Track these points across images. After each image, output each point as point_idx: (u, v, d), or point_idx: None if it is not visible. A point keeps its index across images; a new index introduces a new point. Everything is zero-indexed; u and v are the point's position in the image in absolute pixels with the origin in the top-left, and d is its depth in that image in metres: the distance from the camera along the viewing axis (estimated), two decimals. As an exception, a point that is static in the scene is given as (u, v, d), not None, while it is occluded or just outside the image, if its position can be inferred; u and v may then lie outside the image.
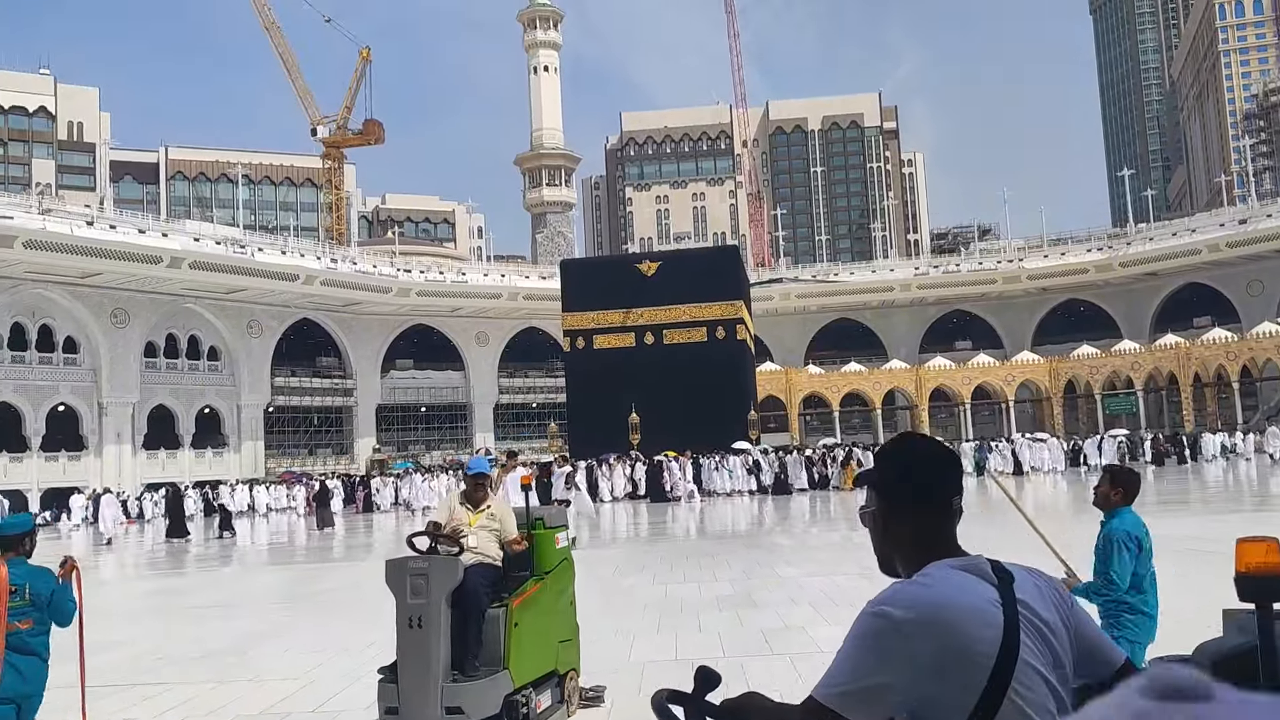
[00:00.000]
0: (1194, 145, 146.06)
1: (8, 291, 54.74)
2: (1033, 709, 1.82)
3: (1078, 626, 2.02)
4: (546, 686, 6.23)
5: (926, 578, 1.94)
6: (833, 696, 1.82)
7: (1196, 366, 61.79)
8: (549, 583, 6.45)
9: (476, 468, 7.00)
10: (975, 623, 1.82)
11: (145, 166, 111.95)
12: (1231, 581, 2.07)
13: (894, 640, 1.81)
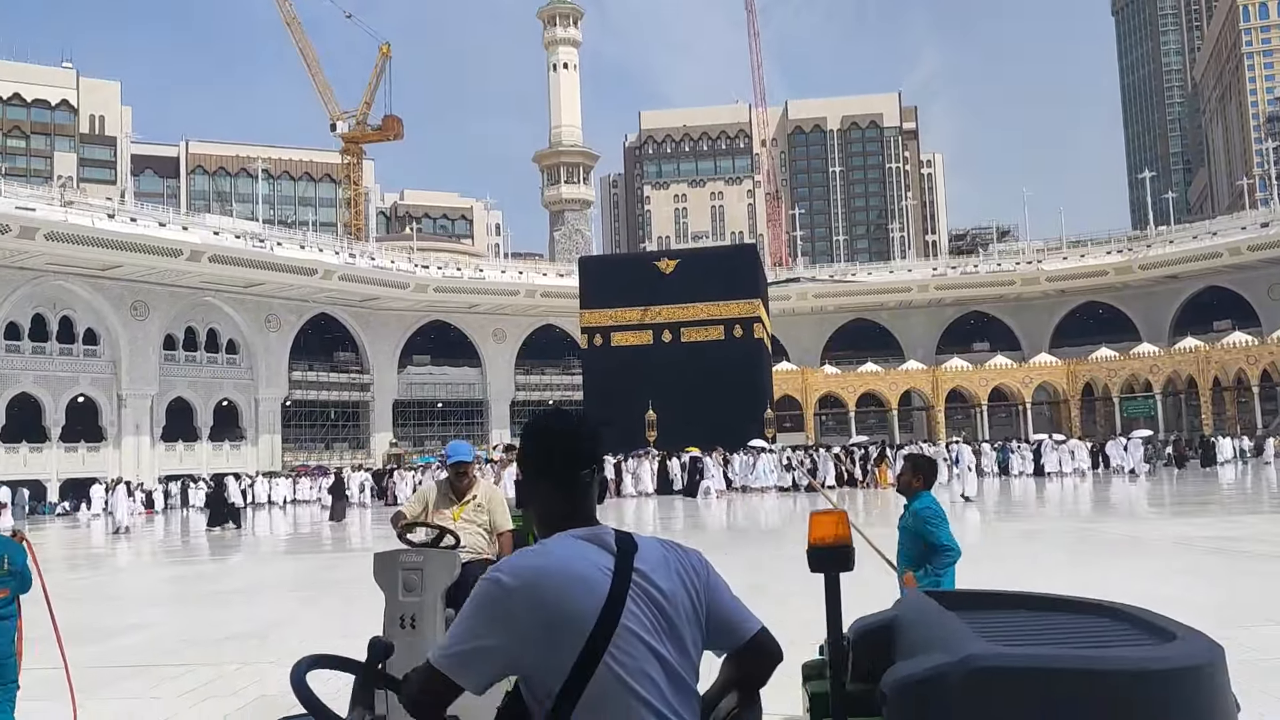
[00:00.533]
0: (1215, 148, 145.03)
1: (29, 283, 55.15)
2: (629, 673, 1.91)
3: (711, 599, 2.09)
4: None
5: (543, 546, 2.04)
6: (444, 659, 1.92)
7: (1216, 370, 61.34)
8: None
9: (456, 454, 6.17)
10: (578, 590, 1.91)
11: (166, 160, 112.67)
12: (1256, 576, 2.07)
13: (501, 605, 1.91)
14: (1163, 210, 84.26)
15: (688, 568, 2.10)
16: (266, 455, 65.50)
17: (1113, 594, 8.06)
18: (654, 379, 44.45)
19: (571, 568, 1.95)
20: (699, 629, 2.07)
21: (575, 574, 1.94)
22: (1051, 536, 17.30)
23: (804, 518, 16.82)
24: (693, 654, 2.05)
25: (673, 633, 2.00)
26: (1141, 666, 1.60)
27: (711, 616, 2.09)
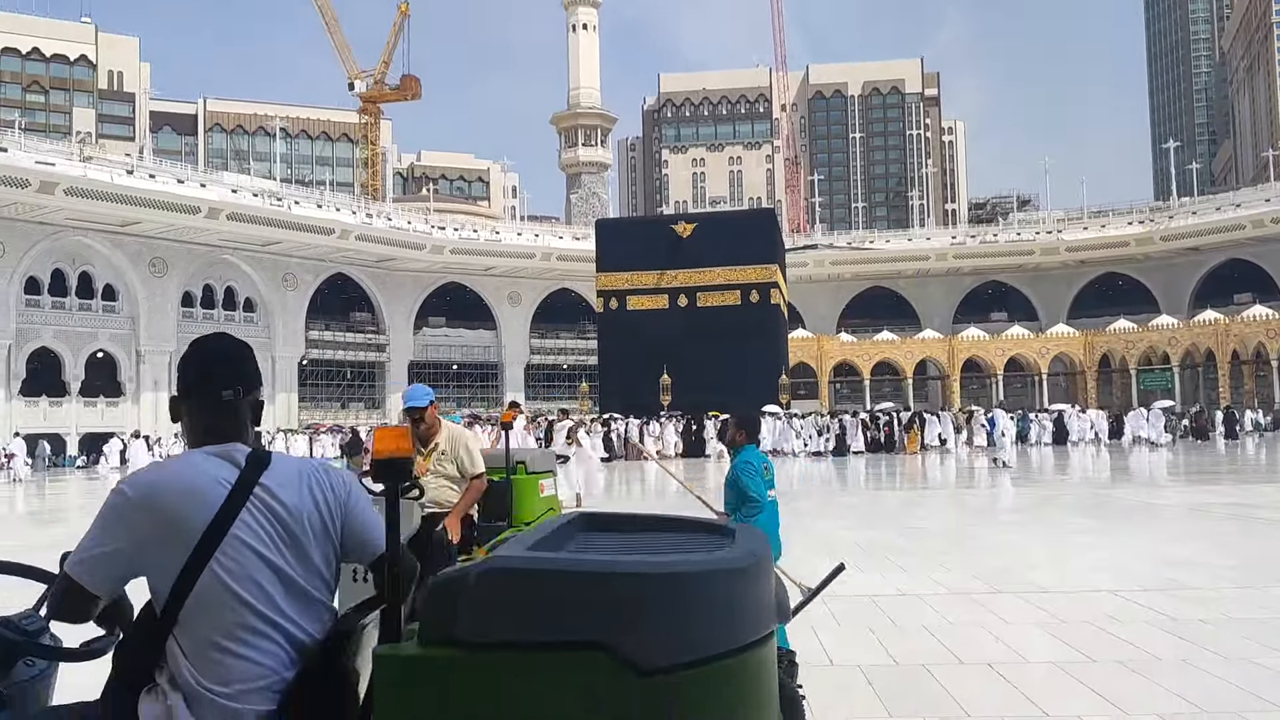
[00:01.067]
0: (1242, 118, 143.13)
1: (49, 237, 55.43)
2: (235, 579, 2.08)
3: (347, 517, 2.26)
4: None
5: (169, 460, 2.25)
6: (73, 565, 2.11)
7: (1235, 344, 60.93)
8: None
9: (412, 399, 5.66)
10: (189, 500, 2.09)
11: (184, 118, 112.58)
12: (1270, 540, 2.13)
13: (121, 513, 2.09)
14: (1186, 181, 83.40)
15: (325, 486, 2.25)
16: (283, 413, 65.93)
17: (1129, 556, 8.12)
18: (669, 343, 44.44)
19: (186, 480, 2.13)
20: (331, 545, 2.25)
21: (189, 485, 2.11)
22: (1071, 501, 17.32)
23: (830, 481, 16.94)
24: (323, 568, 2.23)
25: (294, 545, 2.17)
26: (623, 570, 1.75)
27: (346, 533, 2.26)
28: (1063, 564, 9.63)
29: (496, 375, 79.40)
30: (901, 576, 8.93)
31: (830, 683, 5.60)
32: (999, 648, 6.28)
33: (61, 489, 32.08)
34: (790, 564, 9.85)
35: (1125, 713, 4.86)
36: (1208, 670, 5.56)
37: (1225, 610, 7.16)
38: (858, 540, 11.69)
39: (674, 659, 1.68)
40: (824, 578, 6.18)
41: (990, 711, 4.97)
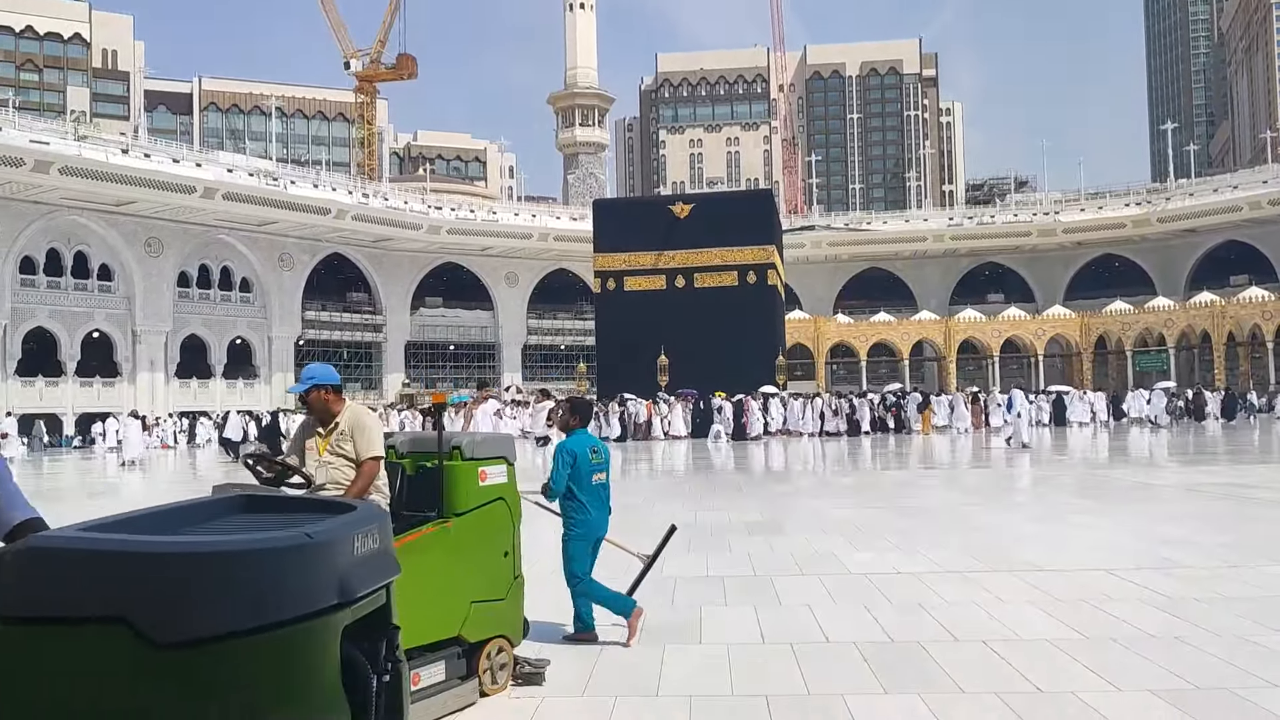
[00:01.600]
0: (1240, 100, 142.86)
1: (44, 217, 55.23)
2: None
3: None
4: (442, 656, 4.91)
5: None
6: None
7: (1231, 325, 61.05)
8: (461, 528, 5.05)
9: (307, 379, 5.24)
10: None
11: (179, 97, 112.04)
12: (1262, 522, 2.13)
13: None
14: (1184, 163, 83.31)
15: None
16: (280, 394, 65.90)
17: (1124, 536, 8.15)
18: (667, 324, 44.44)
19: None
20: None
21: None
22: (1068, 482, 17.39)
23: (841, 460, 16.94)
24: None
25: None
26: (143, 550, 1.84)
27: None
28: (1058, 543, 9.68)
29: (494, 356, 79.38)
30: (897, 555, 8.99)
31: (826, 659, 5.65)
32: (994, 625, 6.33)
33: (58, 468, 32.11)
34: (792, 541, 9.92)
35: (1118, 688, 4.91)
36: (1200, 647, 5.61)
37: (1218, 589, 7.22)
38: (853, 519, 11.76)
39: (192, 634, 1.75)
40: (658, 544, 6.47)
41: (985, 687, 5.02)
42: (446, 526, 5.01)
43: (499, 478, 5.33)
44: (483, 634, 5.11)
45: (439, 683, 4.85)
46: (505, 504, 5.32)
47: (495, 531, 5.29)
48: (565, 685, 5.33)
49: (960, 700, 4.85)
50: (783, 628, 6.41)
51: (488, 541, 5.24)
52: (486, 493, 5.24)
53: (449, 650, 4.95)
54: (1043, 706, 4.69)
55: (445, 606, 4.93)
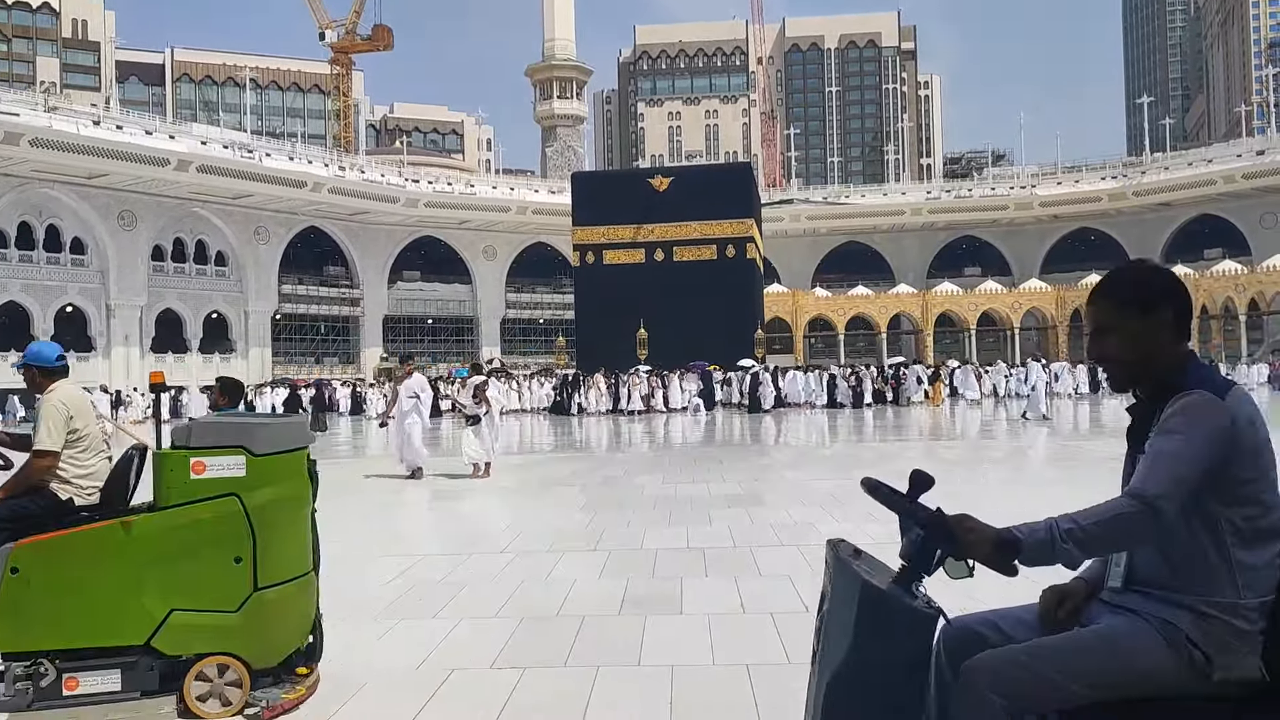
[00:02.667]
0: (1215, 74, 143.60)
1: (15, 190, 54.53)
2: None
3: None
4: (118, 664, 4.36)
5: None
6: None
7: (1204, 298, 61.63)
8: (152, 525, 4.43)
9: (26, 356, 4.97)
10: None
11: (151, 68, 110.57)
12: None
13: None
14: (1159, 137, 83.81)
15: None
16: (257, 368, 65.58)
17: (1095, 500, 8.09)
18: (646, 298, 44.43)
19: None
20: None
21: None
22: (1046, 452, 17.56)
23: (829, 432, 16.98)
24: None
25: None
26: None
27: None
28: (1036, 513, 9.79)
29: (472, 330, 79.19)
30: (875, 526, 9.07)
31: (806, 628, 5.71)
32: (970, 596, 6.40)
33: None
34: (771, 513, 9.96)
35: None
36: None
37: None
38: (831, 490, 11.85)
39: None
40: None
41: (961, 655, 5.09)
42: (126, 522, 4.43)
43: (227, 470, 4.44)
44: (189, 649, 4.37)
45: (110, 692, 4.32)
46: (238, 502, 4.41)
47: (215, 533, 4.40)
48: (545, 657, 5.37)
49: (937, 668, 4.92)
50: (763, 598, 6.46)
51: (201, 543, 4.40)
52: (204, 487, 4.42)
53: (131, 659, 4.35)
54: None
55: (123, 610, 4.32)
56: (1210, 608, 2.21)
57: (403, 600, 6.67)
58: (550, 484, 13.97)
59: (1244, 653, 2.19)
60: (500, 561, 7.86)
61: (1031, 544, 2.15)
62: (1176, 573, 2.28)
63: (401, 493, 13.32)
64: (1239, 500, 2.21)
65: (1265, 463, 2.24)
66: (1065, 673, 2.23)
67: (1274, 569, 2.24)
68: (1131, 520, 2.15)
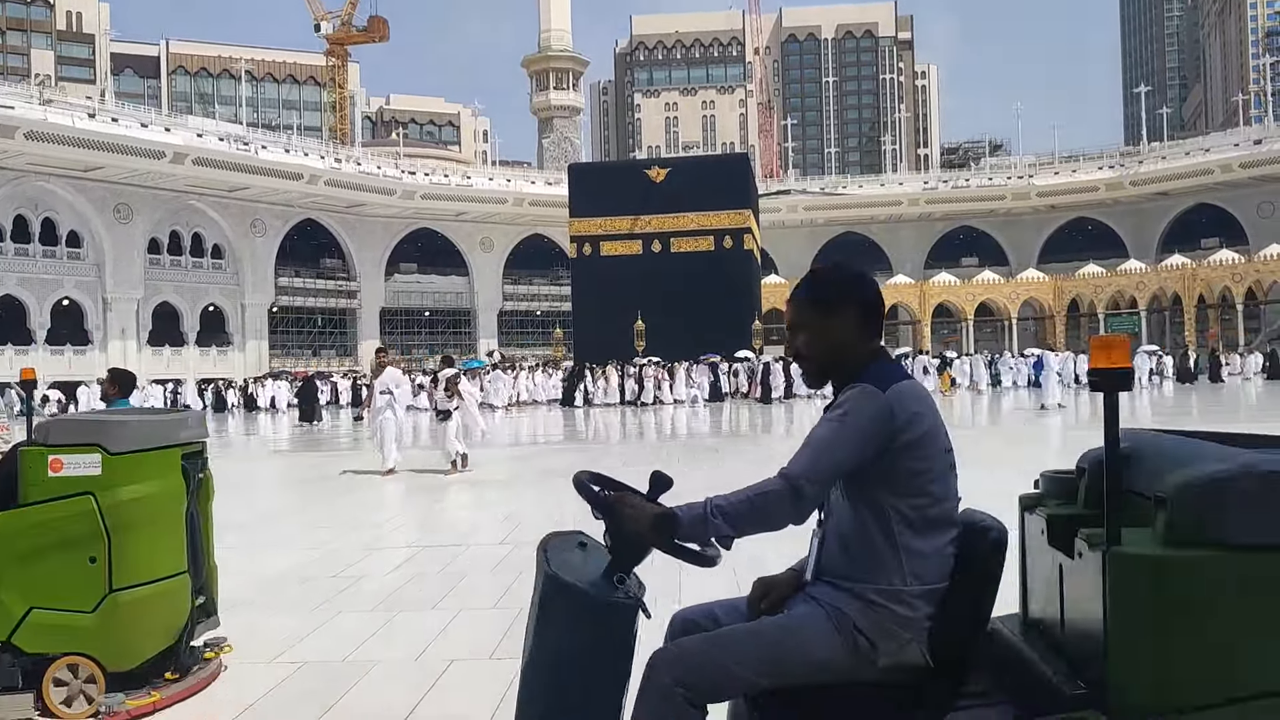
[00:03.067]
0: (1213, 63, 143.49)
1: (10, 183, 54.41)
2: None
3: None
4: None
5: None
6: None
7: (1201, 288, 61.70)
8: (7, 522, 4.34)
9: None
10: None
11: (146, 60, 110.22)
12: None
13: None
14: (1157, 126, 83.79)
15: None
16: (254, 361, 65.54)
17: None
18: (643, 289, 44.41)
19: None
20: None
21: None
22: (1040, 435, 17.60)
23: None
24: None
25: None
26: None
27: None
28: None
29: (469, 322, 79.15)
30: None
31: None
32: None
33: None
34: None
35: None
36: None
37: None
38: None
39: None
40: None
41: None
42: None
43: (83, 468, 4.34)
44: (48, 648, 4.31)
45: None
46: (93, 501, 4.30)
47: (70, 532, 4.31)
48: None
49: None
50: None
51: (57, 542, 4.32)
52: (61, 485, 4.34)
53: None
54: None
55: None
56: (877, 595, 2.27)
57: (401, 592, 6.68)
58: (550, 475, 14.00)
59: (907, 639, 2.24)
60: (499, 553, 7.87)
61: (688, 520, 2.21)
62: (853, 562, 2.33)
63: (397, 486, 13.34)
64: (907, 491, 2.27)
65: (932, 455, 2.30)
66: (741, 662, 2.28)
67: (945, 558, 2.30)
68: (774, 499, 2.21)
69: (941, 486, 2.32)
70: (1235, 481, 1.81)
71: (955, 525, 2.36)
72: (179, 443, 4.65)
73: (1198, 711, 1.79)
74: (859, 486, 2.30)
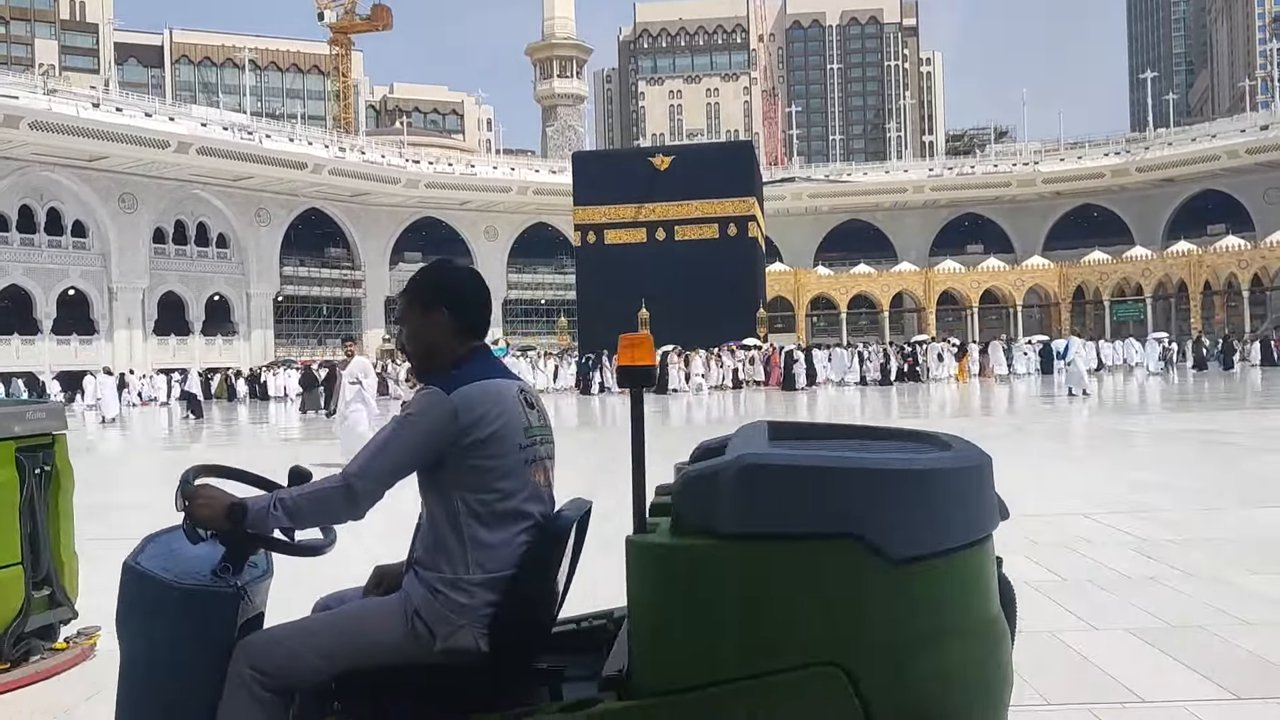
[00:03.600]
0: (1219, 48, 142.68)
1: (15, 173, 54.42)
2: None
3: None
4: None
5: None
6: None
7: (1207, 274, 61.47)
8: None
9: None
10: None
11: (149, 49, 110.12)
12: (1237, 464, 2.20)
13: None
14: (1162, 112, 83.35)
15: None
16: (259, 350, 65.62)
17: (1102, 481, 8.15)
18: (647, 277, 44.40)
19: None
20: None
21: None
22: (1050, 428, 17.56)
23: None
24: None
25: None
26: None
27: None
28: (1037, 488, 9.80)
29: (474, 311, 79.07)
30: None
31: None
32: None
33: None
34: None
35: (1095, 627, 5.01)
36: (1175, 587, 5.73)
37: (1194, 531, 7.34)
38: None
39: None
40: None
41: (965, 628, 5.11)
42: None
43: None
44: None
45: None
46: None
47: None
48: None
49: (941, 641, 4.94)
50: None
51: None
52: None
53: None
54: (1020, 645, 4.76)
55: None
56: (440, 583, 2.36)
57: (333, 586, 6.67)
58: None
59: (461, 625, 2.33)
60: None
61: (254, 511, 2.31)
62: (429, 551, 2.42)
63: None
64: (476, 487, 2.37)
65: (503, 454, 2.39)
66: (312, 648, 2.36)
67: (514, 549, 2.39)
68: (330, 495, 2.33)
69: (513, 482, 2.40)
70: (725, 475, 1.87)
71: (529, 518, 2.44)
72: (12, 435, 4.61)
73: (696, 690, 1.88)
74: (432, 482, 2.40)
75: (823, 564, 1.84)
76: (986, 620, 1.97)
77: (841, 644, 1.84)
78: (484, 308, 2.61)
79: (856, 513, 1.83)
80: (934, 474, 1.88)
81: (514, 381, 2.53)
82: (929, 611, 1.86)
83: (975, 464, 1.96)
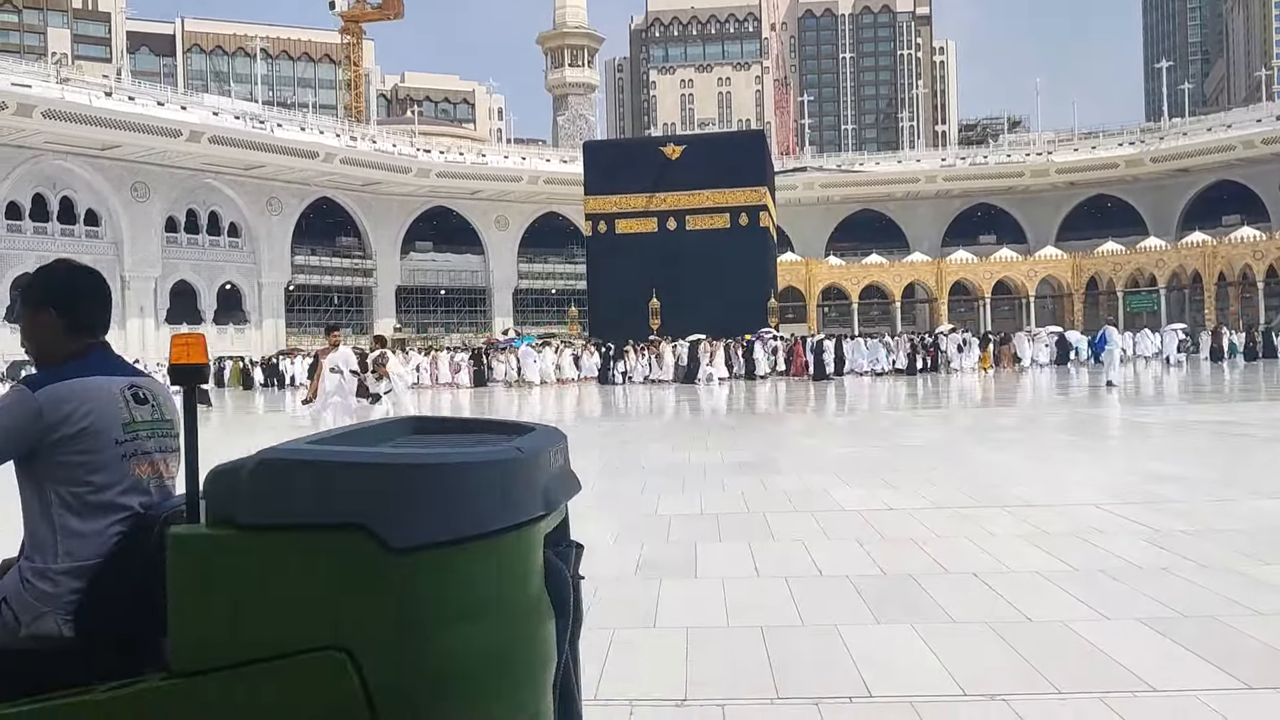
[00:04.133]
0: (1235, 38, 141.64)
1: (28, 161, 54.65)
2: None
3: None
4: None
5: None
6: None
7: (1222, 265, 61.14)
8: None
9: None
10: None
11: (162, 38, 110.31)
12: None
13: None
14: (1178, 102, 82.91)
15: None
16: (271, 339, 65.85)
17: (1113, 471, 8.16)
18: (658, 267, 44.39)
19: None
20: None
21: None
22: (1063, 420, 17.51)
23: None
24: None
25: None
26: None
27: None
28: (1049, 479, 9.78)
29: (485, 300, 79.25)
30: (889, 492, 9.08)
31: (820, 592, 5.73)
32: (984, 558, 6.41)
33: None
34: (786, 480, 10.02)
35: (1107, 617, 5.00)
36: (1187, 578, 5.70)
37: (1206, 522, 7.31)
38: (844, 455, 11.86)
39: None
40: None
41: (975, 617, 5.10)
42: None
43: None
44: None
45: None
46: None
47: None
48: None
49: (951, 629, 4.93)
50: (776, 562, 6.48)
51: None
52: None
53: None
54: (1032, 635, 4.77)
55: None
56: (30, 572, 2.45)
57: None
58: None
59: (44, 612, 2.40)
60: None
61: None
62: (28, 541, 2.50)
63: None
64: (67, 480, 2.43)
65: (96, 449, 2.45)
66: None
67: (106, 539, 2.46)
68: None
69: (107, 475, 2.47)
70: (245, 469, 1.97)
71: (127, 509, 2.51)
72: None
73: (223, 670, 1.98)
74: (26, 475, 2.47)
75: (330, 553, 1.94)
76: (520, 601, 2.06)
77: (346, 628, 1.93)
78: (96, 306, 2.70)
79: (361, 505, 1.92)
80: (442, 468, 1.97)
81: (122, 379, 2.60)
82: (437, 596, 1.95)
83: (507, 457, 2.05)
